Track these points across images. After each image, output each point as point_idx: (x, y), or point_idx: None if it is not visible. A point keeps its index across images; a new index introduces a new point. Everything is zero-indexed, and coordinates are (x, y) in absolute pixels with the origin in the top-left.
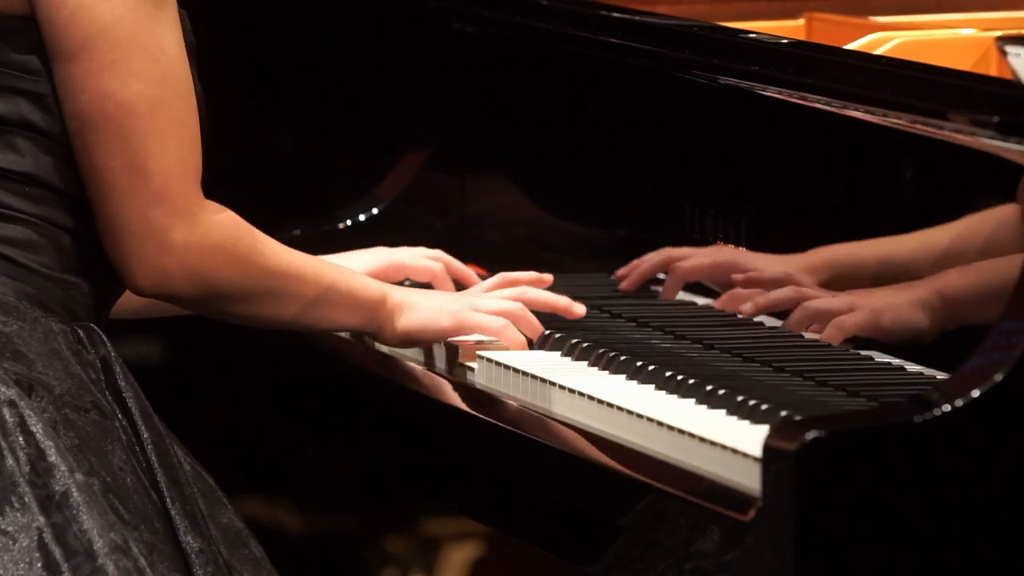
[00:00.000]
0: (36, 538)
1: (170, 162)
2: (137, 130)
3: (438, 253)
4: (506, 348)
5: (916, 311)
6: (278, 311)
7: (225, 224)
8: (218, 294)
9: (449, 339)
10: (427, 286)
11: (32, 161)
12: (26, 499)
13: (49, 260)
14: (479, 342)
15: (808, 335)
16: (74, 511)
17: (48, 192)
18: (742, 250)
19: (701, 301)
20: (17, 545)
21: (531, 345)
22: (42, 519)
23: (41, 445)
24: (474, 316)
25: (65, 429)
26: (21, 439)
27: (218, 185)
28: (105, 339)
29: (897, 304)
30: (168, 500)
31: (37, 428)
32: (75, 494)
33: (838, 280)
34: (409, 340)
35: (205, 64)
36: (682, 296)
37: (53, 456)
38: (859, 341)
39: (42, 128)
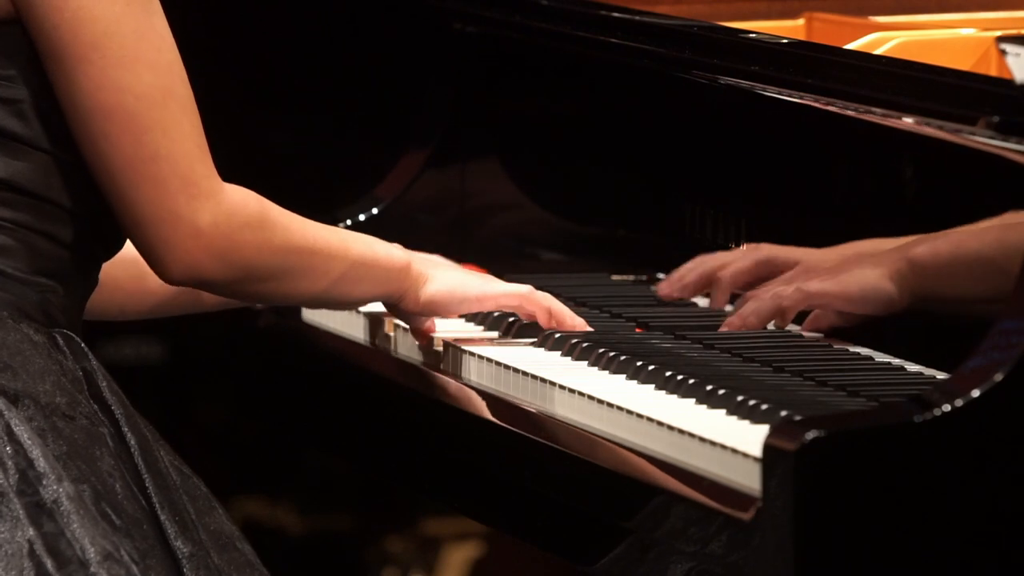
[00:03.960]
0: (26, 549)
1: (189, 146)
2: (156, 119)
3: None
4: (510, 345)
5: (884, 279)
6: (308, 287)
7: (248, 202)
8: (249, 274)
9: (450, 338)
10: None
11: (5, 166)
12: (15, 510)
13: (24, 265)
14: (477, 340)
15: (807, 334)
16: (65, 519)
17: (22, 197)
18: (777, 246)
19: (702, 302)
20: (7, 556)
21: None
22: (32, 530)
23: (30, 454)
24: (498, 284)
25: (54, 437)
26: (9, 448)
27: None
28: (84, 347)
29: (865, 273)
30: (157, 505)
31: (25, 437)
32: (65, 502)
33: None
34: (432, 309)
35: (206, 64)
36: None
37: (42, 465)
38: (858, 339)
39: (16, 133)
